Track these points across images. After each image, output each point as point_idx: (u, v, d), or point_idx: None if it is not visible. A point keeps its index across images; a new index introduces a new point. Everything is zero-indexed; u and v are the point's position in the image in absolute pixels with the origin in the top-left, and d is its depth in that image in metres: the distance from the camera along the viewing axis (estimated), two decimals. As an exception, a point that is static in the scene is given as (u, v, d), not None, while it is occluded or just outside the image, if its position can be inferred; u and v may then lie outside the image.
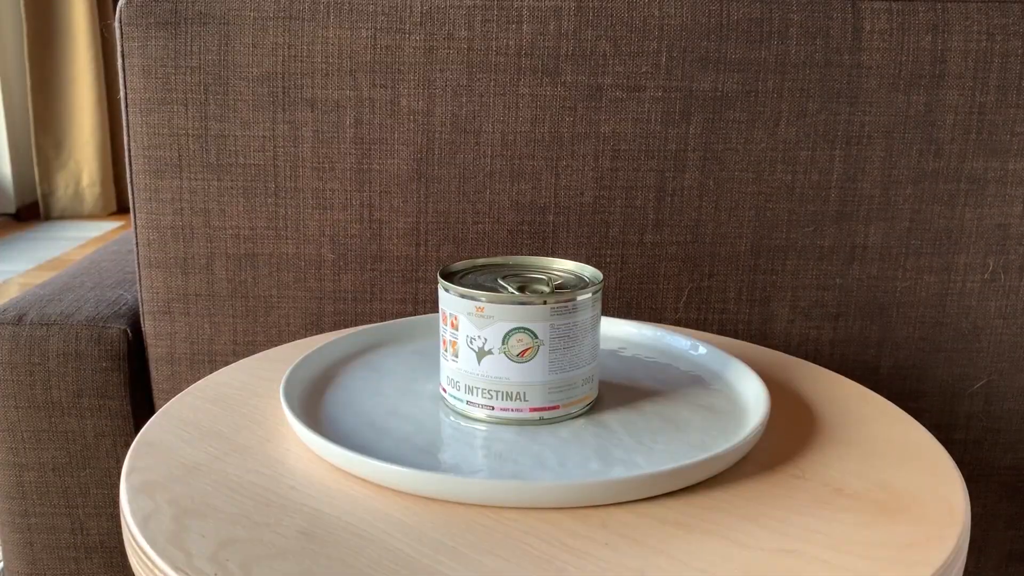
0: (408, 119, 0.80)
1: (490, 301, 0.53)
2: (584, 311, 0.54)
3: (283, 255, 0.83)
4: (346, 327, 0.84)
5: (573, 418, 0.56)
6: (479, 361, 0.54)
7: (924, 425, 0.59)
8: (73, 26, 3.74)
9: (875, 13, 0.78)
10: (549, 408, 0.55)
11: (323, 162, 0.81)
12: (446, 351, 0.56)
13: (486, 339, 0.53)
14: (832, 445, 0.56)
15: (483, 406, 0.55)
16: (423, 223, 0.82)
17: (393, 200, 0.82)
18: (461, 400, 0.56)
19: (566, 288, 0.55)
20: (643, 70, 0.79)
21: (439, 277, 0.56)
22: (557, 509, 0.48)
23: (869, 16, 0.78)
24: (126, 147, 0.82)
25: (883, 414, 0.61)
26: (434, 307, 0.84)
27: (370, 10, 0.78)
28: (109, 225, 3.78)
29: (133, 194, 0.83)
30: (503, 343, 0.53)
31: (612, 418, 0.57)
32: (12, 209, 3.81)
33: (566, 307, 0.54)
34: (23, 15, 3.67)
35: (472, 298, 0.54)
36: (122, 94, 0.81)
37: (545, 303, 0.53)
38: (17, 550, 0.88)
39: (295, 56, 0.79)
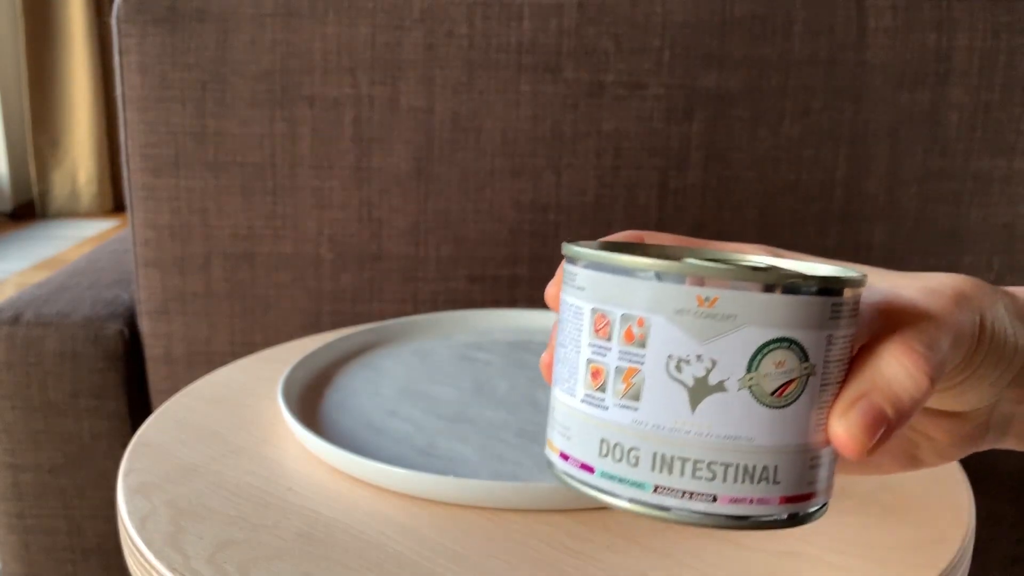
0: (408, 117, 0.79)
1: (733, 285, 0.29)
2: (854, 321, 0.31)
3: (281, 254, 0.82)
4: (345, 327, 0.83)
5: (816, 519, 0.32)
6: (694, 404, 0.29)
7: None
8: (70, 23, 3.74)
9: (880, 10, 0.78)
10: (805, 497, 0.31)
11: (322, 160, 0.80)
12: (579, 384, 0.31)
13: (715, 360, 0.29)
14: (836, 446, 0.55)
15: (697, 495, 0.30)
16: (423, 222, 0.81)
17: (392, 199, 0.81)
18: (639, 484, 0.30)
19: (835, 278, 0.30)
20: (645, 67, 0.78)
21: (574, 250, 0.31)
22: (558, 511, 0.48)
23: (874, 13, 0.78)
24: (123, 145, 0.82)
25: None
26: (434, 306, 0.84)
27: (369, 7, 0.77)
28: (106, 224, 3.78)
29: (130, 193, 0.83)
30: (750, 368, 0.29)
31: (614, 419, 0.57)
32: (8, 208, 3.80)
33: (845, 307, 0.30)
34: (20, 12, 3.66)
35: (694, 280, 0.29)
36: (119, 91, 0.81)
37: (828, 294, 0.30)
38: (14, 552, 0.88)
39: (293, 53, 0.78)
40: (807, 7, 0.77)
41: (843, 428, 0.30)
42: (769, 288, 0.29)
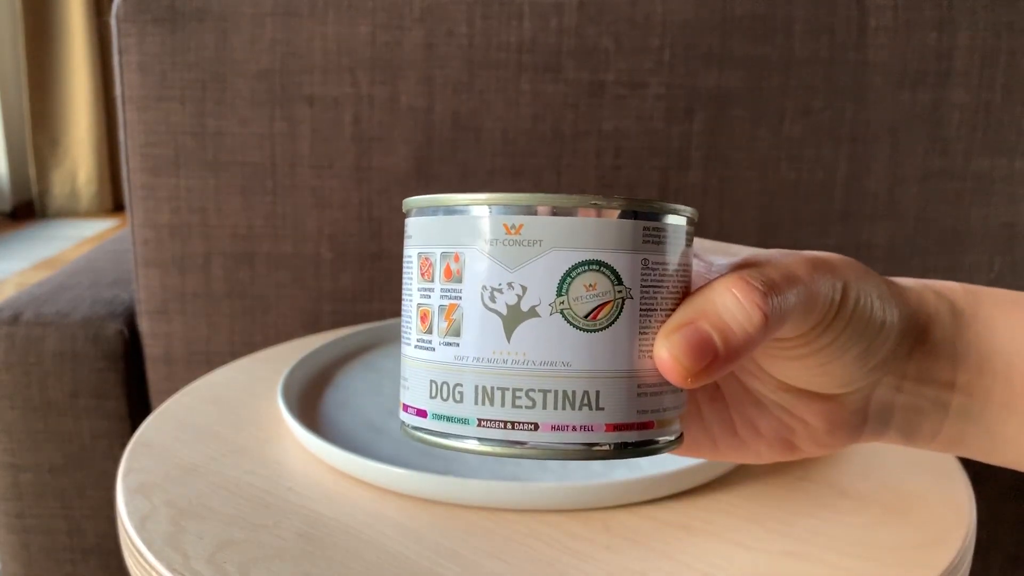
0: (408, 116, 0.79)
1: (535, 211, 0.29)
2: (680, 250, 0.31)
3: (281, 254, 0.82)
4: (345, 327, 0.83)
5: (663, 451, 0.32)
6: (510, 332, 0.29)
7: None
8: (70, 23, 3.74)
9: (880, 9, 0.77)
10: (640, 426, 0.30)
11: (321, 160, 0.80)
12: (412, 332, 0.31)
13: (525, 287, 0.29)
14: (837, 446, 0.55)
15: (519, 425, 0.29)
16: (423, 221, 0.81)
17: (392, 198, 0.81)
18: (464, 419, 0.30)
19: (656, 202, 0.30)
20: (646, 67, 0.78)
21: (405, 202, 0.32)
22: (559, 511, 0.48)
23: (874, 12, 0.77)
24: (122, 145, 0.82)
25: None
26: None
27: (369, 6, 0.77)
28: (106, 223, 3.78)
29: (129, 192, 0.83)
30: (560, 292, 0.29)
31: (614, 419, 0.57)
32: (8, 207, 3.80)
33: (663, 233, 0.30)
34: (20, 12, 3.66)
35: (501, 209, 0.29)
36: (119, 91, 0.81)
37: (636, 216, 0.30)
38: (13, 552, 0.87)
39: (293, 52, 0.78)
40: (808, 6, 0.77)
41: (666, 350, 0.29)
42: (571, 212, 0.29)
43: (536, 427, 0.29)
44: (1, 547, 0.88)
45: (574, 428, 0.29)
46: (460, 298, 0.30)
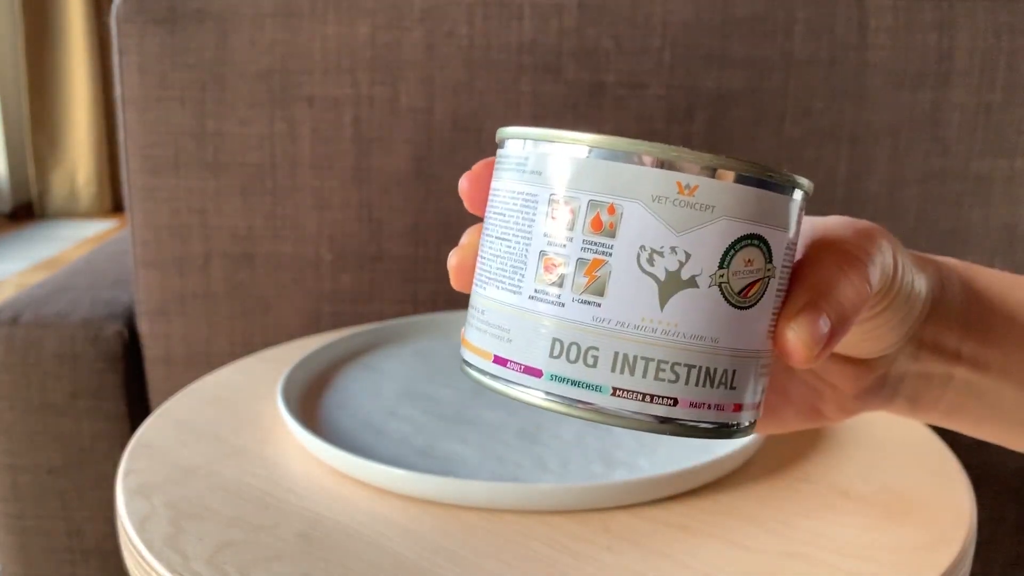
0: (408, 117, 0.79)
1: (717, 174, 0.27)
2: (799, 231, 0.30)
3: (281, 255, 0.82)
4: (345, 327, 0.83)
5: (746, 434, 0.30)
6: (664, 300, 0.27)
7: (930, 427, 0.59)
8: (69, 24, 3.74)
9: (881, 10, 0.77)
10: (755, 407, 0.30)
11: (321, 161, 0.80)
12: (526, 278, 0.28)
13: (689, 254, 0.27)
14: (837, 448, 0.55)
15: (658, 399, 0.27)
16: (423, 222, 0.81)
17: (392, 199, 0.81)
18: (592, 386, 0.27)
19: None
20: (646, 67, 0.78)
21: (532, 131, 0.29)
22: (559, 512, 0.47)
23: (875, 13, 0.77)
24: (122, 145, 0.82)
25: (889, 417, 0.60)
26: (434, 307, 0.83)
27: (369, 6, 0.77)
28: (105, 224, 3.78)
29: (129, 193, 0.82)
30: (722, 264, 0.27)
31: (614, 420, 0.57)
32: (7, 208, 3.80)
33: (801, 213, 0.30)
34: (19, 13, 3.66)
35: (676, 165, 0.27)
36: (118, 92, 0.80)
37: (792, 192, 0.29)
38: (12, 554, 0.87)
39: (293, 53, 0.78)
40: (808, 7, 0.77)
41: (794, 335, 0.29)
42: (749, 180, 0.27)
43: (675, 403, 0.27)
44: (1, 548, 0.88)
45: (709, 407, 0.28)
46: (610, 255, 0.27)
